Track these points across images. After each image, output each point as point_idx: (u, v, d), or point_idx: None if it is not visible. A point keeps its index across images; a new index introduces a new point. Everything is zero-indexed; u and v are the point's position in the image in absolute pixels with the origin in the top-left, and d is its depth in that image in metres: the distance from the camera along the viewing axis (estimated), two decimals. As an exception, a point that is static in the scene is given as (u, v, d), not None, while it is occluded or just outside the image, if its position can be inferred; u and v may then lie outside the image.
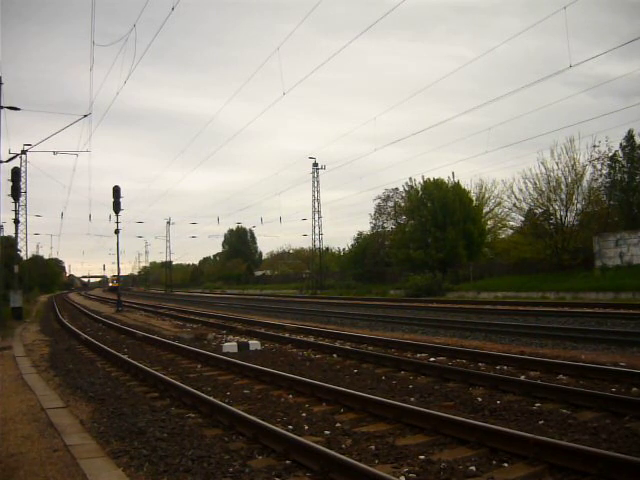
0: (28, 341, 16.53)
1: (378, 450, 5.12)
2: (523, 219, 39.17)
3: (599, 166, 37.03)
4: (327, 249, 68.80)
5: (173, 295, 65.67)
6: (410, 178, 46.89)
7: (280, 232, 74.67)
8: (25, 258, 50.20)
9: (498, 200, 46.17)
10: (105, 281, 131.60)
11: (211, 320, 21.53)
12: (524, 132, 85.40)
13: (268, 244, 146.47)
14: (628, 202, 36.81)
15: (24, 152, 30.83)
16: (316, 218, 56.49)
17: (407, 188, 47.57)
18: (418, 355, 10.86)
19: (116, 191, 32.01)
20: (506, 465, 4.66)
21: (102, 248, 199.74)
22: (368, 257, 53.13)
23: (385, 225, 56.08)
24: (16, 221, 34.22)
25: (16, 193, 28.35)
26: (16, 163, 35.02)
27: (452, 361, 10.01)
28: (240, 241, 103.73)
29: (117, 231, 33.92)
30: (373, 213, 56.50)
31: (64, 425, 6.27)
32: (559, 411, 6.27)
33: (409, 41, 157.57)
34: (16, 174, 27.54)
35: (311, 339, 14.19)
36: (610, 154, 36.93)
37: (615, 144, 37.47)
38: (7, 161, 25.24)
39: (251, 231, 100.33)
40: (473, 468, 4.56)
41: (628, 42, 36.16)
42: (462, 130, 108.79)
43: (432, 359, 10.30)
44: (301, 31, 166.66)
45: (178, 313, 26.88)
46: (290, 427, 5.97)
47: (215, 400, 6.95)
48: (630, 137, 37.25)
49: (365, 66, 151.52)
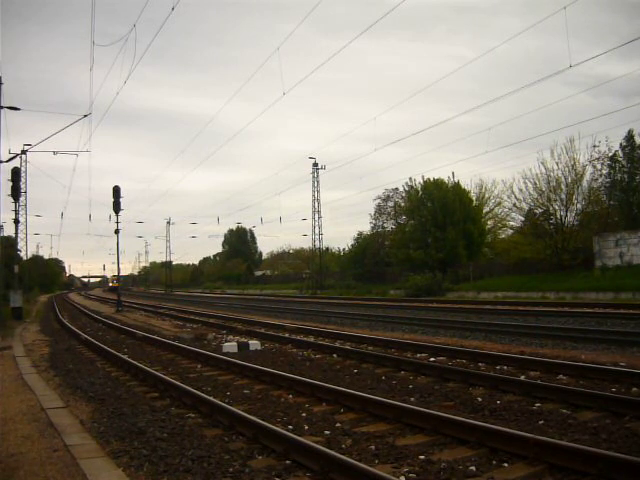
0: (28, 341, 16.53)
1: (378, 450, 5.12)
2: (523, 219, 39.22)
3: (599, 166, 37.15)
4: (327, 249, 68.94)
5: (173, 295, 65.66)
6: (410, 178, 47.05)
7: (280, 232, 74.83)
8: (25, 258, 50.20)
9: (498, 200, 46.27)
10: (105, 281, 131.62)
11: (211, 320, 21.53)
12: (524, 132, 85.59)
13: (268, 244, 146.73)
14: (628, 202, 36.84)
15: (24, 152, 30.87)
16: (316, 218, 56.58)
17: (407, 188, 47.70)
18: (418, 355, 10.86)
19: (116, 191, 32.04)
20: (506, 465, 4.67)
21: (102, 248, 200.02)
22: (368, 257, 53.17)
23: (385, 225, 56.28)
24: (16, 221, 34.25)
25: (16, 193, 28.38)
26: (16, 163, 35.08)
27: (452, 361, 10.01)
28: (240, 241, 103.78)
29: (117, 231, 33.99)
30: (373, 213, 56.79)
31: (64, 425, 6.27)
32: (559, 411, 6.26)
33: (409, 41, 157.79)
34: (16, 174, 27.57)
35: (311, 339, 14.19)
36: (610, 154, 37.04)
37: (615, 144, 37.61)
38: (7, 161, 25.29)
39: (251, 231, 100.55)
40: (473, 468, 4.56)
41: (628, 42, 36.20)
42: (462, 130, 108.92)
43: (432, 359, 10.30)
44: (301, 31, 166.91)
45: (178, 313, 26.88)
46: (290, 427, 5.97)
47: (215, 400, 6.94)
48: (630, 137, 37.30)
49: (365, 66, 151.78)
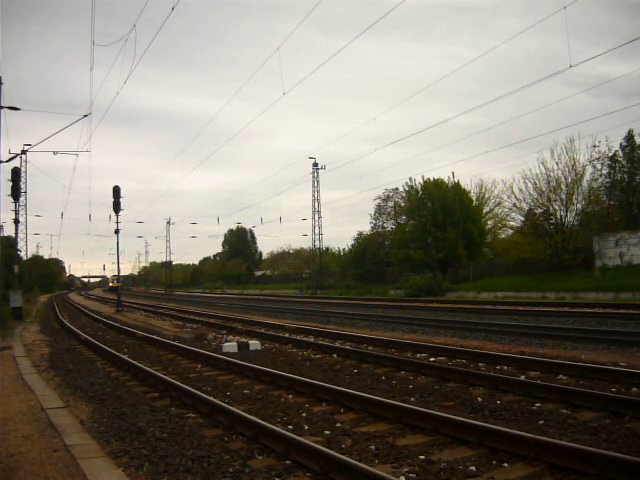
0: (28, 341, 16.53)
1: (378, 450, 5.12)
2: (523, 219, 39.23)
3: (599, 166, 37.15)
4: (327, 249, 68.93)
5: (173, 295, 65.65)
6: (410, 178, 47.02)
7: (280, 232, 74.81)
8: (25, 258, 50.20)
9: (498, 200, 46.28)
10: (105, 281, 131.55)
11: (211, 320, 21.53)
12: (524, 132, 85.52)
13: (268, 244, 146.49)
14: (628, 202, 36.84)
15: (24, 152, 30.86)
16: (316, 218, 56.55)
17: (407, 188, 47.68)
18: (418, 355, 10.86)
19: (116, 191, 32.05)
20: (506, 465, 4.66)
21: (102, 248, 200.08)
22: (368, 257, 53.17)
23: (385, 225, 56.28)
24: (16, 221, 34.27)
25: (16, 193, 28.40)
26: (16, 163, 35.10)
27: (452, 361, 10.01)
28: (240, 241, 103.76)
29: (117, 231, 34.01)
30: (373, 213, 56.79)
31: (64, 425, 6.27)
32: (559, 411, 6.26)
33: (409, 41, 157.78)
34: (16, 174, 27.59)
35: (311, 339, 14.19)
36: (610, 154, 37.05)
37: (615, 144, 37.62)
38: (7, 161, 25.29)
39: (251, 231, 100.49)
40: (473, 468, 4.56)
41: (628, 42, 36.28)
42: (462, 130, 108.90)
43: (432, 359, 10.30)
44: (301, 31, 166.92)
45: (178, 313, 26.88)
46: (290, 427, 5.97)
47: (215, 400, 6.94)
48: (630, 137, 37.30)
49: (365, 66, 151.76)
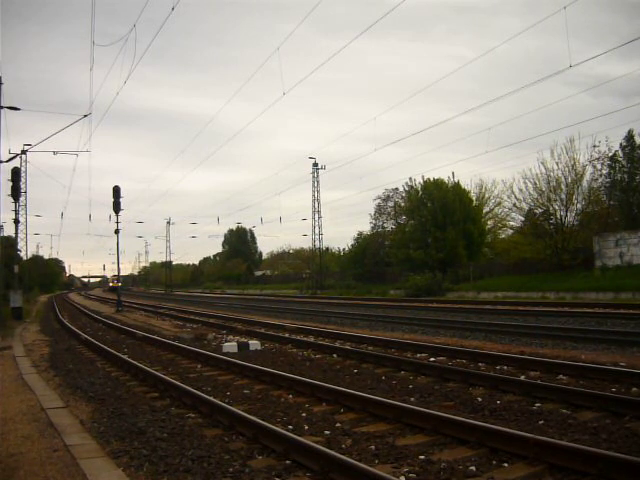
0: (28, 341, 16.53)
1: (378, 450, 5.12)
2: (523, 219, 39.24)
3: (599, 166, 37.17)
4: (327, 249, 68.92)
5: (173, 295, 65.64)
6: (410, 178, 47.04)
7: (280, 232, 74.81)
8: (25, 258, 50.20)
9: (498, 200, 46.32)
10: (105, 281, 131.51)
11: (211, 320, 21.53)
12: (524, 132, 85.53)
13: (268, 244, 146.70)
14: (628, 202, 36.85)
15: (24, 152, 30.86)
16: (316, 218, 56.57)
17: (407, 188, 47.70)
18: (418, 355, 10.86)
19: (116, 191, 32.06)
20: (506, 465, 4.66)
21: (102, 248, 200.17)
22: (368, 257, 53.17)
23: (385, 225, 56.30)
24: (16, 221, 34.28)
25: (16, 193, 28.41)
26: (16, 163, 35.09)
27: (452, 361, 10.01)
28: (240, 241, 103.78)
29: (117, 231, 34.02)
30: (373, 213, 56.81)
31: (64, 425, 6.27)
32: (559, 411, 6.26)
33: (409, 41, 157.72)
34: (16, 174, 27.59)
35: (311, 339, 14.19)
36: (610, 154, 37.07)
37: (615, 144, 37.66)
38: (7, 161, 25.28)
39: (251, 231, 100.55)
40: (473, 468, 4.56)
41: (628, 42, 36.28)
42: (462, 130, 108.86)
43: (432, 359, 10.30)
44: (301, 31, 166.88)
45: (178, 313, 26.88)
46: (290, 427, 5.97)
47: (215, 400, 6.94)
48: (630, 137, 37.32)
49: (365, 66, 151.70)
